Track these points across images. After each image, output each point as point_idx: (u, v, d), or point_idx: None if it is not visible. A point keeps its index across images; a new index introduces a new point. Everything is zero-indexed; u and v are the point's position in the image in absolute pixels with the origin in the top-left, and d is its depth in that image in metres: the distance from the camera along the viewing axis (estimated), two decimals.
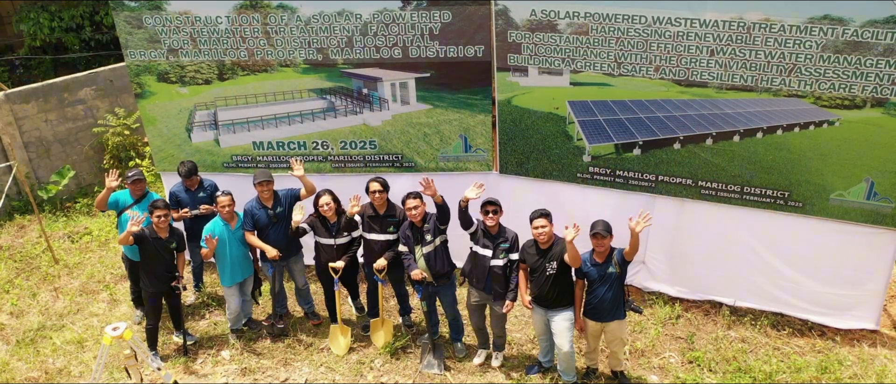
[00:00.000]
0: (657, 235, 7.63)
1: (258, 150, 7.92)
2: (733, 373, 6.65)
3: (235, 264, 7.17)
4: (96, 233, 9.80)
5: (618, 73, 6.92)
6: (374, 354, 7.24)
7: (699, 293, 7.75)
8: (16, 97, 10.53)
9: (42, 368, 7.25)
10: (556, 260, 6.14)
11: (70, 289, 8.55)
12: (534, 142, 7.51)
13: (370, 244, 6.94)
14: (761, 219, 7.11)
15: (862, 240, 6.83)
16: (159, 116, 7.84)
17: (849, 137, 6.45)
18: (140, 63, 7.61)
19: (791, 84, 6.40)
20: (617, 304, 6.22)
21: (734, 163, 6.93)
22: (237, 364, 7.17)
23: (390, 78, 7.43)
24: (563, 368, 6.54)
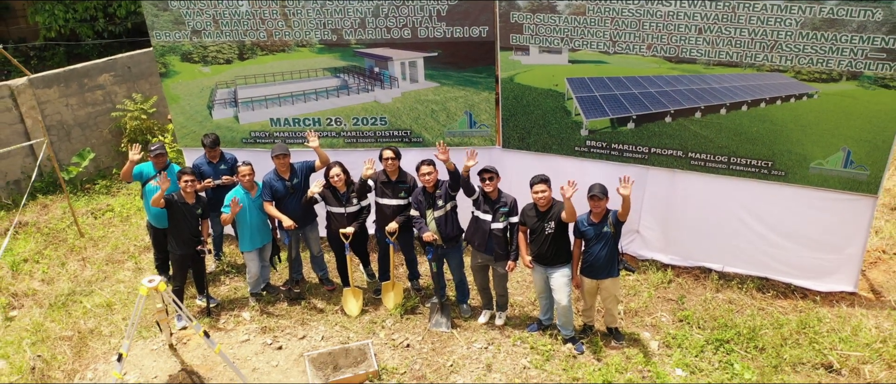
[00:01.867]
0: (650, 205, 8.21)
1: (275, 126, 8.49)
2: (719, 330, 7.21)
3: (255, 230, 7.74)
4: (118, 209, 10.37)
5: (613, 51, 7.50)
6: (386, 315, 7.81)
7: (690, 260, 8.32)
8: (39, 82, 11.11)
9: (74, 328, 7.82)
10: (554, 220, 6.72)
11: (96, 259, 9.12)
12: (534, 117, 8.09)
13: (382, 208, 7.52)
14: (747, 188, 7.68)
15: (840, 206, 7.39)
16: (182, 95, 8.42)
17: (826, 109, 7.02)
18: (165, 44, 8.19)
19: (773, 59, 6.98)
20: (611, 262, 6.80)
21: (721, 134, 7.51)
22: (257, 324, 7.74)
23: (400, 57, 8.01)
24: (562, 323, 7.11)
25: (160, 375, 7.06)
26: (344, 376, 6.80)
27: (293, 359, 7.19)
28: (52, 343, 7.59)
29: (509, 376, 6.71)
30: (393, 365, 7.01)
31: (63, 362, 7.31)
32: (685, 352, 6.93)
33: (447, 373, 6.86)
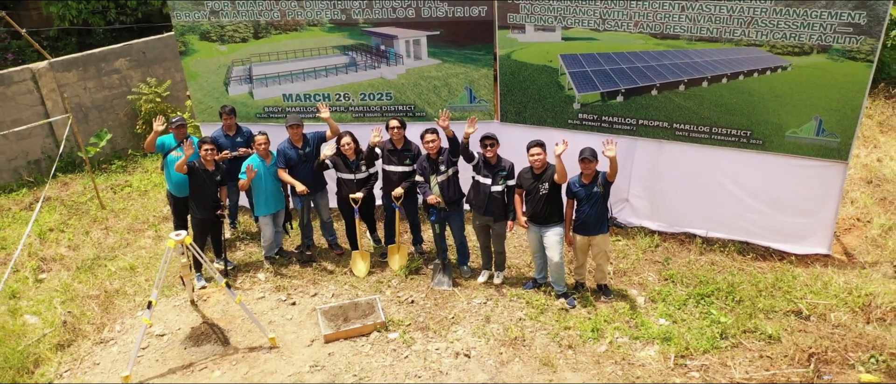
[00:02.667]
0: (638, 174, 8.86)
1: (288, 101, 9.14)
2: (701, 286, 7.84)
3: (269, 196, 8.38)
4: (136, 185, 11.02)
5: (603, 28, 8.15)
6: (391, 276, 8.44)
7: (676, 226, 8.95)
8: (59, 66, 11.76)
9: (101, 288, 8.45)
10: (548, 182, 7.36)
11: (118, 228, 9.76)
12: (530, 92, 8.74)
13: (389, 175, 8.16)
14: (728, 156, 8.33)
15: (814, 172, 8.03)
16: (200, 72, 9.06)
17: (799, 80, 7.67)
18: (185, 23, 8.84)
19: (749, 34, 7.63)
20: (601, 220, 7.44)
21: (703, 106, 8.16)
22: (272, 284, 8.38)
23: (405, 36, 8.66)
24: (555, 279, 7.75)
25: (183, 327, 7.69)
26: (353, 326, 7.43)
27: (306, 313, 7.82)
28: (80, 301, 8.21)
29: (506, 326, 7.34)
30: (398, 318, 7.64)
31: (91, 318, 7.93)
32: (669, 306, 7.56)
33: (448, 325, 7.49)
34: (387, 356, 7.04)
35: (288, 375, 6.89)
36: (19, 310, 8.09)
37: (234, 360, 7.15)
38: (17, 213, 10.46)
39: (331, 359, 7.09)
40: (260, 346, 7.33)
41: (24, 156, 11.71)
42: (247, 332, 7.56)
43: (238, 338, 7.48)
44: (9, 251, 9.33)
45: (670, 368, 6.45)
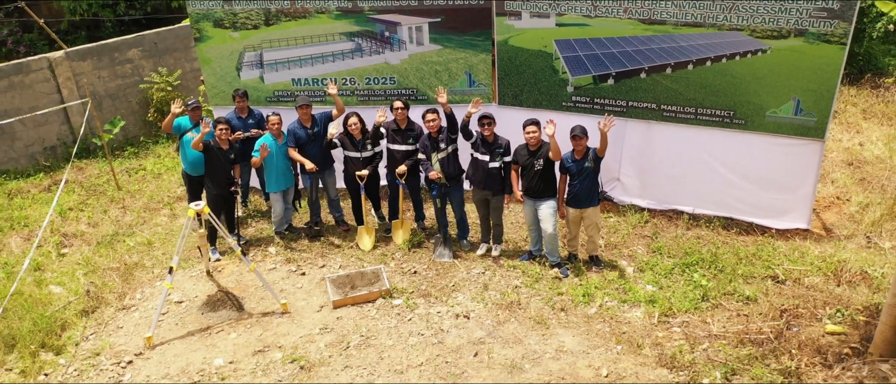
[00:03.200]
0: (629, 154, 9.43)
1: (297, 85, 9.71)
2: (686, 257, 8.41)
3: (280, 174, 8.96)
4: (150, 168, 11.59)
5: (594, 14, 8.73)
6: (395, 249, 9.01)
7: (664, 203, 9.51)
8: (74, 55, 12.34)
9: (120, 261, 9.02)
10: (542, 158, 7.93)
11: (135, 207, 10.34)
12: (526, 76, 9.32)
13: (393, 153, 8.74)
14: (713, 136, 8.89)
15: (793, 150, 8.60)
16: (214, 57, 9.64)
17: (778, 63, 8.24)
18: (199, 11, 9.42)
19: (731, 19, 8.21)
20: (592, 193, 8.01)
21: (689, 88, 8.73)
22: (282, 256, 8.95)
23: (408, 22, 9.23)
24: (549, 249, 8.32)
25: (200, 295, 8.27)
26: (360, 293, 8.00)
27: (315, 283, 8.39)
28: (101, 273, 8.78)
29: (503, 292, 7.91)
30: (402, 286, 8.21)
31: (113, 287, 8.50)
32: (655, 274, 8.12)
33: (449, 291, 8.05)
34: (391, 319, 7.60)
35: (299, 336, 7.45)
36: (44, 280, 8.65)
37: (248, 324, 7.72)
38: (37, 195, 11.03)
39: (339, 322, 7.66)
40: (272, 312, 7.90)
41: (41, 142, 12.28)
42: (260, 300, 8.13)
43: (252, 305, 8.05)
44: (32, 228, 9.90)
45: (654, 324, 7.02)
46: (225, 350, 7.34)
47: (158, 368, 7.13)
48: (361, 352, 7.06)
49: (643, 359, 6.46)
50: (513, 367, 6.47)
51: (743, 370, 6.17)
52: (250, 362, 7.10)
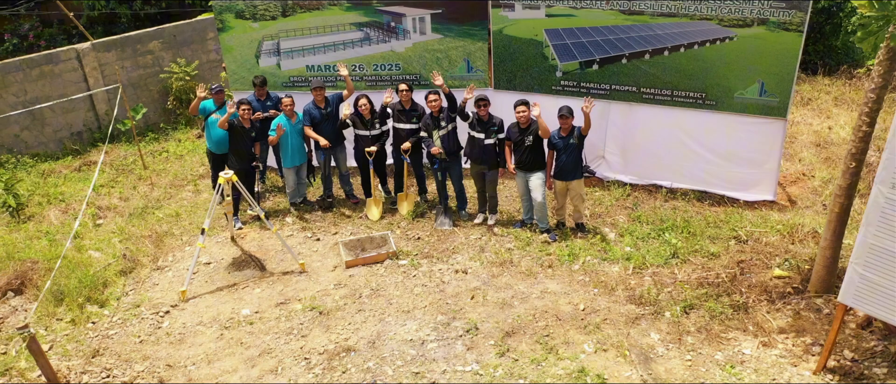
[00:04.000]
0: (612, 134, 10.53)
1: (310, 71, 10.83)
2: (661, 223, 9.50)
3: (294, 151, 10.05)
4: (172, 150, 12.71)
5: (580, 6, 9.84)
6: (400, 219, 10.11)
7: (645, 179, 10.61)
8: (100, 46, 13.46)
9: (151, 230, 10.12)
10: (531, 135, 9.05)
11: (161, 183, 11.45)
12: (519, 62, 10.43)
13: (398, 131, 9.85)
14: (687, 116, 9.98)
15: (759, 128, 9.68)
16: (235, 46, 10.75)
17: (744, 49, 9.34)
18: (223, 3, 10.53)
19: (701, 10, 9.32)
20: (577, 167, 9.11)
21: (666, 72, 9.83)
22: (298, 225, 10.07)
23: (412, 14, 10.34)
24: (539, 217, 9.42)
25: (226, 258, 9.37)
26: (370, 254, 9.11)
27: (329, 247, 9.50)
28: (135, 240, 9.88)
29: (497, 252, 9.02)
30: (407, 249, 9.31)
31: (146, 252, 9.60)
32: (634, 238, 9.21)
33: (449, 253, 9.15)
34: (398, 275, 8.71)
35: (316, 291, 8.55)
36: (84, 247, 9.75)
37: (270, 281, 8.83)
38: (68, 174, 12.14)
39: (351, 279, 8.76)
40: (291, 271, 9.00)
41: (68, 127, 13.39)
42: (280, 261, 9.23)
43: (273, 265, 9.16)
44: (68, 203, 11.01)
45: (628, 274, 8.13)
46: (251, 302, 8.43)
47: (192, 317, 8.23)
48: (372, 300, 8.16)
49: (616, 298, 7.57)
50: (504, 305, 7.58)
51: (700, 305, 7.29)
52: (274, 311, 8.20)
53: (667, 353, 6.68)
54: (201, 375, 7.21)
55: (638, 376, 6.35)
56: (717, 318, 7.14)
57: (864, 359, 6.40)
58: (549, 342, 6.91)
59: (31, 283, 8.92)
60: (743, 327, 7.00)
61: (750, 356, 6.61)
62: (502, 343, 6.97)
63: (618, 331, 7.01)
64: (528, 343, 6.94)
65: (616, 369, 6.49)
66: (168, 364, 7.44)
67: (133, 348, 7.73)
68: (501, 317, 7.42)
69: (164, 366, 7.40)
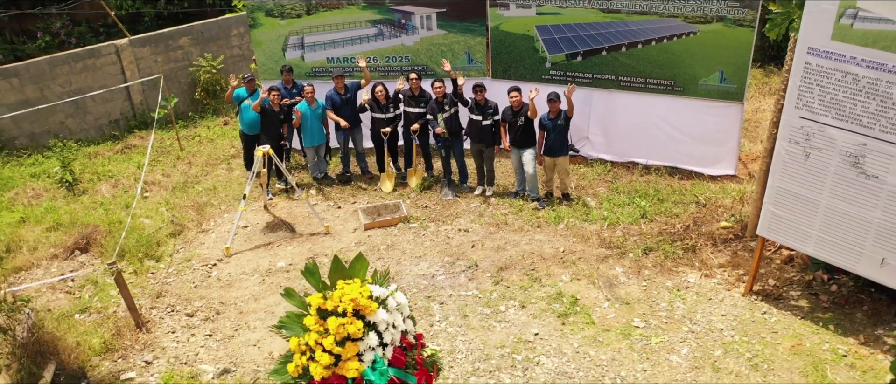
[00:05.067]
0: (595, 117, 12.37)
1: (331, 63, 12.68)
2: (635, 193, 11.33)
3: (314, 132, 11.84)
4: (204, 135, 14.58)
5: (566, 5, 11.69)
6: (410, 191, 11.94)
7: (624, 157, 12.42)
8: (136, 42, 15.32)
9: (193, 201, 11.94)
10: (523, 116, 10.89)
11: (198, 162, 13.29)
12: (514, 55, 12.28)
13: (408, 115, 11.69)
14: (659, 101, 11.82)
15: (720, 111, 11.50)
16: (264, 40, 12.61)
17: (705, 42, 11.17)
18: (254, 3, 12.39)
19: (669, 9, 11.16)
20: (563, 145, 10.92)
21: (640, 63, 11.67)
22: (321, 196, 11.92)
23: (420, 12, 12.19)
24: (530, 187, 11.26)
25: (260, 222, 11.19)
26: (385, 218, 10.96)
27: (349, 213, 11.32)
28: (180, 209, 11.69)
29: (494, 216, 10.86)
30: (417, 215, 11.14)
31: (190, 219, 11.43)
32: (611, 205, 11.05)
33: (453, 218, 10.97)
34: (410, 235, 10.53)
35: (340, 248, 10.36)
36: (136, 214, 11.58)
37: (300, 241, 10.65)
38: (112, 156, 13.98)
39: (369, 239, 10.58)
40: (318, 233, 10.81)
41: (107, 115, 15.23)
42: (307, 225, 11.05)
43: (301, 228, 10.98)
44: (116, 179, 12.85)
45: (603, 229, 9.98)
46: (284, 256, 10.25)
47: (236, 268, 10.05)
48: (389, 252, 9.99)
49: (590, 244, 9.41)
50: (498, 249, 9.42)
51: (657, 248, 9.12)
52: (305, 263, 10.03)
53: (628, 281, 8.53)
54: (250, 309, 9.03)
55: (603, 297, 8.21)
56: (670, 257, 8.99)
57: (784, 285, 8.25)
58: (534, 274, 8.76)
59: (95, 243, 10.73)
60: (690, 263, 8.85)
61: (694, 283, 8.46)
62: (497, 275, 8.82)
63: (589, 266, 8.86)
64: (518, 275, 8.79)
65: (586, 292, 8.34)
66: (221, 302, 9.25)
67: (190, 291, 9.54)
68: (496, 257, 9.26)
69: (218, 303, 9.21)
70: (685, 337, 7.61)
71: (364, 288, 4.56)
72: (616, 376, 7.17)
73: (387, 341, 4.72)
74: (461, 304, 8.44)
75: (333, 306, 4.46)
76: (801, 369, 7.04)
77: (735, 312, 7.92)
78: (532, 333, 7.88)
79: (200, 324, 8.73)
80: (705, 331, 7.67)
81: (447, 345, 7.68)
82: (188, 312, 9.01)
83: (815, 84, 6.86)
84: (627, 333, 7.72)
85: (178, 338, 8.48)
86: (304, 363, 4.48)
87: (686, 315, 7.95)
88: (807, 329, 7.60)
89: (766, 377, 6.98)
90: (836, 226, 7.13)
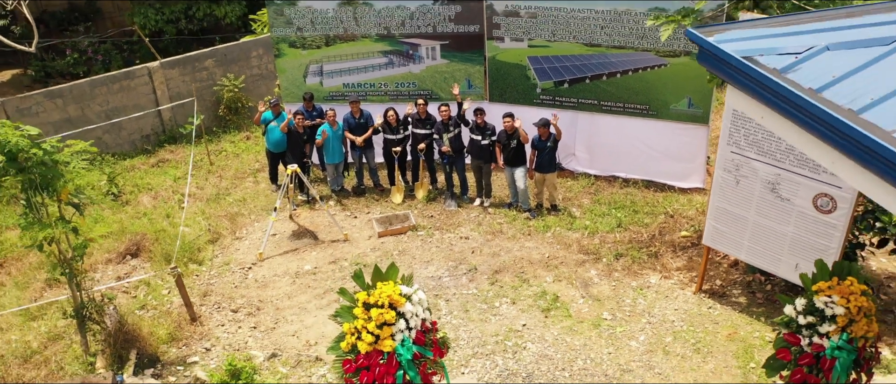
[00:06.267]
0: (581, 137, 14.40)
1: (346, 88, 14.72)
2: (614, 204, 13.38)
3: (335, 151, 13.88)
4: (230, 150, 16.63)
5: (553, 40, 13.73)
6: (417, 202, 13.99)
7: (606, 171, 14.44)
8: (166, 65, 17.35)
9: (226, 211, 13.99)
10: (515, 139, 12.92)
11: (227, 176, 15.35)
12: (508, 81, 14.32)
13: (416, 135, 13.72)
14: (636, 123, 13.84)
15: (689, 132, 13.52)
16: (288, 68, 14.64)
17: (675, 73, 13.20)
18: (279, 36, 14.43)
19: (643, 44, 13.21)
20: (551, 163, 12.95)
21: (619, 90, 13.71)
22: (338, 207, 13.97)
23: (426, 44, 14.23)
24: (521, 200, 13.29)
25: (287, 230, 13.22)
26: (396, 227, 13.01)
27: (364, 222, 13.37)
28: (214, 219, 13.73)
29: (491, 225, 12.91)
30: (423, 224, 13.18)
31: (224, 227, 13.49)
32: (593, 215, 13.10)
33: (455, 226, 13.02)
34: (418, 242, 12.57)
35: (357, 253, 12.40)
36: (176, 223, 13.63)
37: (323, 247, 12.69)
38: (148, 170, 16.02)
39: (383, 245, 12.62)
40: (337, 240, 12.84)
41: (140, 131, 17.26)
42: (328, 233, 13.09)
43: (323, 236, 13.01)
44: (155, 191, 14.90)
45: (583, 237, 12.04)
46: (310, 260, 12.29)
47: (269, 271, 12.09)
48: (400, 257, 12.03)
49: (571, 251, 11.46)
50: (494, 255, 11.47)
51: (626, 254, 11.19)
52: (329, 266, 12.04)
53: (600, 282, 10.59)
54: (285, 305, 11.07)
55: (579, 295, 10.28)
56: (636, 262, 11.04)
57: (728, 285, 10.31)
58: (523, 276, 10.82)
59: (144, 249, 12.77)
60: (653, 267, 10.91)
61: (654, 284, 10.51)
62: (492, 277, 10.88)
63: (569, 270, 10.91)
64: (510, 277, 10.85)
65: (566, 291, 10.40)
66: (259, 299, 11.28)
67: (231, 291, 11.58)
68: (492, 262, 11.32)
69: (257, 301, 11.24)
70: (643, 327, 9.67)
71: (396, 288, 6.56)
72: (587, 358, 9.23)
73: (412, 326, 6.72)
74: (463, 301, 10.49)
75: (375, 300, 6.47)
76: (734, 352, 9.09)
77: (686, 307, 9.98)
78: (521, 324, 9.93)
79: (245, 318, 10.75)
80: (660, 322, 9.72)
81: (452, 333, 9.72)
82: (233, 309, 11.02)
83: (741, 127, 8.89)
84: (597, 324, 9.78)
85: (228, 329, 10.50)
86: (353, 341, 6.49)
87: (646, 309, 10.00)
88: (742, 320, 9.65)
89: (705, 358, 9.04)
90: (761, 238, 9.18)
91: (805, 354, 6.78)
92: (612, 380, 8.82)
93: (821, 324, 6.64)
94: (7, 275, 12.33)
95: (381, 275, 6.60)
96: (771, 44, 5.24)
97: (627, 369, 9.00)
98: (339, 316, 6.55)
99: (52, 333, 10.46)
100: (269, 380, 9.15)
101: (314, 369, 9.37)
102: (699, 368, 8.93)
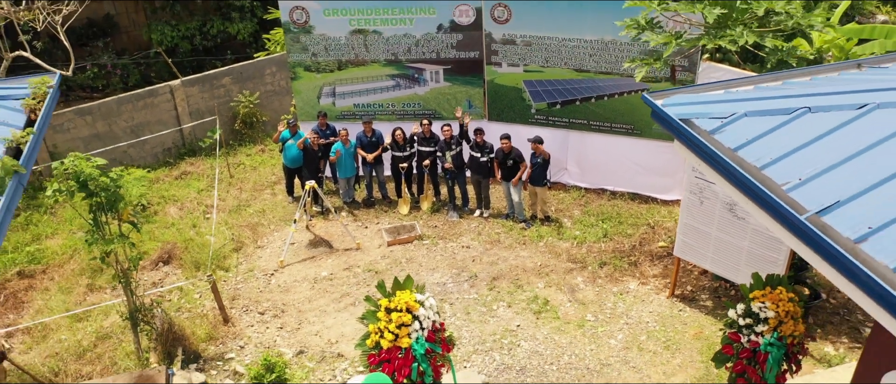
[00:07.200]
0: (572, 153, 16.07)
1: (357, 108, 16.38)
2: (602, 215, 15.05)
3: (347, 166, 15.53)
4: (248, 163, 18.30)
5: (547, 66, 15.39)
6: (422, 213, 15.67)
7: (595, 185, 16.13)
8: (187, 82, 18.99)
9: (246, 222, 15.65)
10: (511, 159, 14.59)
11: (246, 188, 17.02)
12: (506, 102, 15.98)
13: (422, 153, 15.39)
14: (623, 141, 15.47)
15: (670, 149, 15.06)
16: (303, 90, 16.30)
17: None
18: (295, 61, 16.09)
19: (627, 71, 14.88)
20: (541, 177, 14.66)
21: (607, 111, 15.36)
22: (350, 217, 15.64)
23: (430, 69, 15.90)
24: (517, 212, 14.96)
25: (304, 240, 14.88)
26: (403, 237, 14.68)
27: (374, 232, 15.04)
28: (237, 229, 15.40)
29: (490, 235, 14.58)
30: (428, 233, 14.85)
31: (247, 237, 15.15)
32: (583, 225, 14.78)
33: (457, 236, 14.69)
34: (424, 250, 14.25)
35: (369, 260, 14.06)
36: (202, 233, 15.29)
37: (337, 255, 14.36)
38: (172, 182, 17.68)
39: (392, 253, 14.30)
40: (350, 248, 14.50)
41: (161, 145, 18.91)
42: (341, 242, 14.76)
43: (337, 244, 14.68)
44: (181, 202, 16.56)
45: (572, 247, 13.72)
46: (326, 267, 13.97)
47: (289, 277, 13.76)
48: (408, 265, 13.71)
49: (560, 259, 13.14)
50: (492, 264, 13.15)
51: (610, 262, 12.88)
52: (343, 273, 13.71)
53: (585, 288, 12.28)
54: (306, 308, 12.74)
55: (566, 299, 11.97)
56: (618, 270, 12.73)
57: (697, 290, 12.00)
58: (518, 282, 12.50)
59: (175, 257, 14.43)
60: (633, 274, 12.60)
61: (633, 289, 12.20)
62: (491, 283, 12.56)
63: (558, 277, 12.61)
64: (506, 283, 12.53)
65: (555, 296, 12.09)
66: (283, 303, 12.95)
67: (257, 295, 13.25)
68: (491, 270, 13.01)
69: (281, 304, 12.91)
70: (621, 327, 11.35)
71: (411, 295, 8.25)
72: (572, 354, 10.92)
73: (424, 326, 8.38)
74: (465, 305, 12.17)
75: (394, 306, 8.16)
76: (699, 349, 10.78)
77: (659, 310, 11.67)
78: (515, 325, 11.63)
79: (271, 319, 12.42)
80: (636, 323, 11.41)
81: (456, 333, 11.40)
82: (260, 311, 12.68)
83: None
84: (581, 325, 11.47)
85: (257, 329, 12.17)
86: (376, 339, 8.17)
87: (624, 312, 11.69)
88: (708, 321, 11.34)
89: (673, 354, 10.73)
90: (723, 251, 10.87)
91: (745, 349, 8.46)
92: (594, 372, 10.50)
93: (756, 324, 8.32)
94: (50, 281, 13.94)
95: (400, 285, 8.27)
96: (705, 109, 6.92)
97: (606, 363, 10.68)
98: (365, 318, 8.23)
99: (100, 333, 12.09)
100: (298, 372, 10.82)
101: (337, 364, 11.03)
102: (668, 362, 10.61)
